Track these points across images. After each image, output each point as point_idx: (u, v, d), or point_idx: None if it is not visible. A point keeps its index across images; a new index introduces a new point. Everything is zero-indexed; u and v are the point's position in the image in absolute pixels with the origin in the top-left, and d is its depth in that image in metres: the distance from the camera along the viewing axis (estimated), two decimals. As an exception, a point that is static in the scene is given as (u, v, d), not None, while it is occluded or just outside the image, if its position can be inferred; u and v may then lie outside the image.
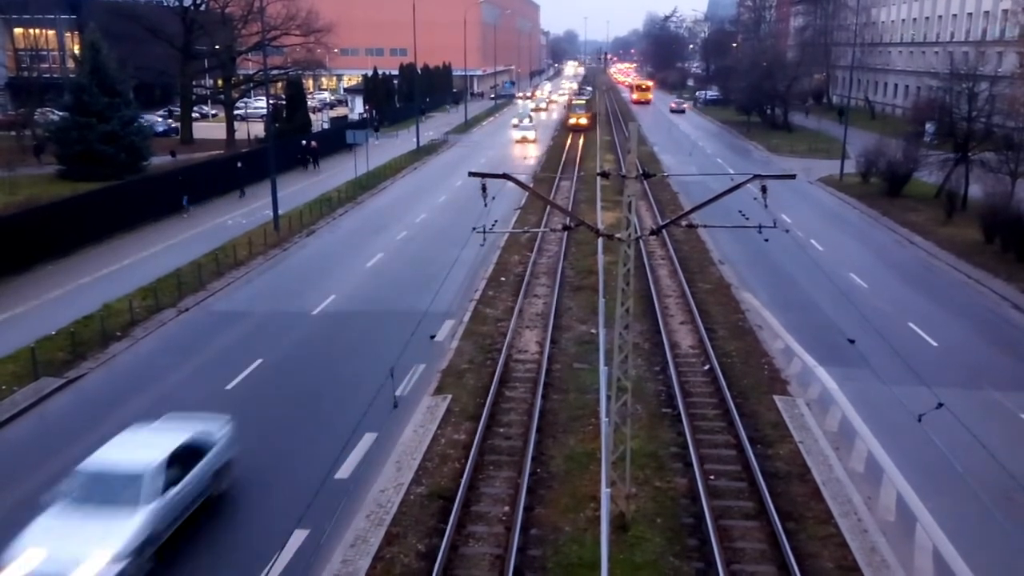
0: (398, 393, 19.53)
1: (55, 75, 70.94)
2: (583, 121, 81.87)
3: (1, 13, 73.52)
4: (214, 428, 15.93)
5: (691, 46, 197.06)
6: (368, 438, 17.77)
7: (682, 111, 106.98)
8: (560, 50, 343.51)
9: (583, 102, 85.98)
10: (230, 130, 65.71)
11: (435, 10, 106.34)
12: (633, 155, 14.84)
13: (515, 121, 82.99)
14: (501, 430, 18.67)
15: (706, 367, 22.25)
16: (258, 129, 68.76)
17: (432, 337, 23.11)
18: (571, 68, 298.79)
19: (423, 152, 66.68)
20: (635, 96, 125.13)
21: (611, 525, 13.47)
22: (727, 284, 30.07)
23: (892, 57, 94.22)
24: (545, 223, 39.44)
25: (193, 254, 32.48)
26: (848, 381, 21.31)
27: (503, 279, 30.70)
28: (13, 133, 57.59)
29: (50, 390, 20.58)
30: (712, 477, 16.63)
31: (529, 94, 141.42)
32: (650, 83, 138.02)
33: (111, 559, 12.56)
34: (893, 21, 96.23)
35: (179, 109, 71.73)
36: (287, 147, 55.77)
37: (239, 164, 47.27)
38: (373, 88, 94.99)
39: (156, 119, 73.25)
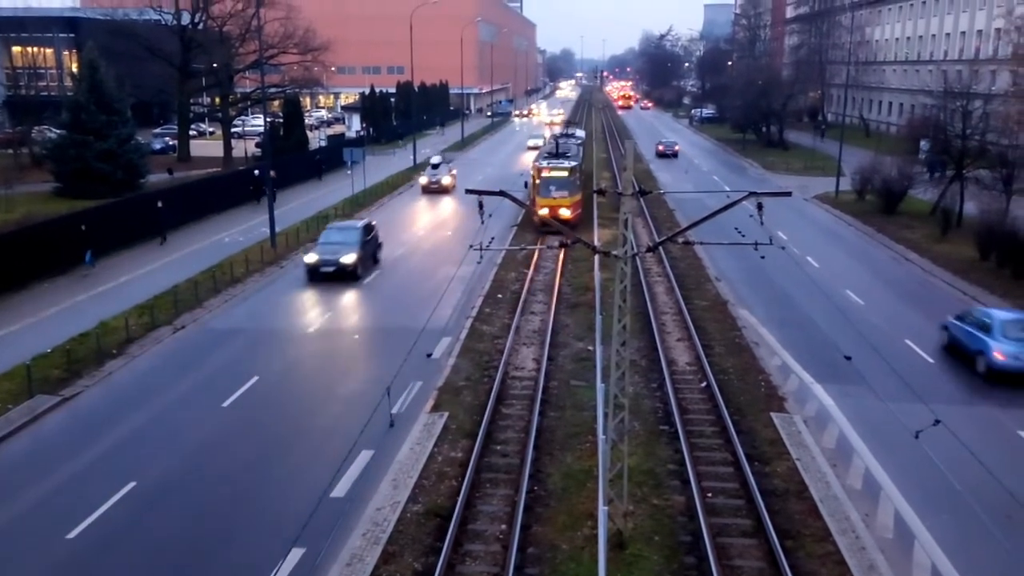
0: (394, 411, 19.49)
1: (53, 93, 71.08)
2: (564, 212, 40.46)
3: (-1, 31, 73.86)
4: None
5: (687, 64, 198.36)
6: (364, 456, 17.71)
7: (648, 108, 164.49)
8: (556, 69, 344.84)
9: (564, 174, 41.93)
10: (227, 148, 65.90)
11: (432, 29, 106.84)
12: (629, 172, 14.89)
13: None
14: (498, 448, 18.61)
15: (703, 384, 22.23)
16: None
17: (429, 355, 23.07)
18: (565, 89, 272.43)
19: (419, 170, 66.75)
20: (620, 103, 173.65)
21: (609, 543, 13.40)
22: (724, 301, 30.09)
23: (886, 75, 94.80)
24: (542, 240, 39.46)
25: (185, 275, 32.45)
26: (845, 398, 21.30)
27: (500, 296, 30.70)
28: (11, 151, 57.63)
29: (45, 408, 20.49)
30: (710, 494, 16.58)
31: (526, 112, 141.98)
32: (631, 94, 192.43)
33: None
34: (887, 40, 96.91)
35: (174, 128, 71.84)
36: (238, 177, 51.08)
37: (159, 204, 39.13)
38: (370, 106, 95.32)
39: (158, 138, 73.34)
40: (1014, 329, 22.77)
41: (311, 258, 31.39)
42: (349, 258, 30.64)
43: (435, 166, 57.18)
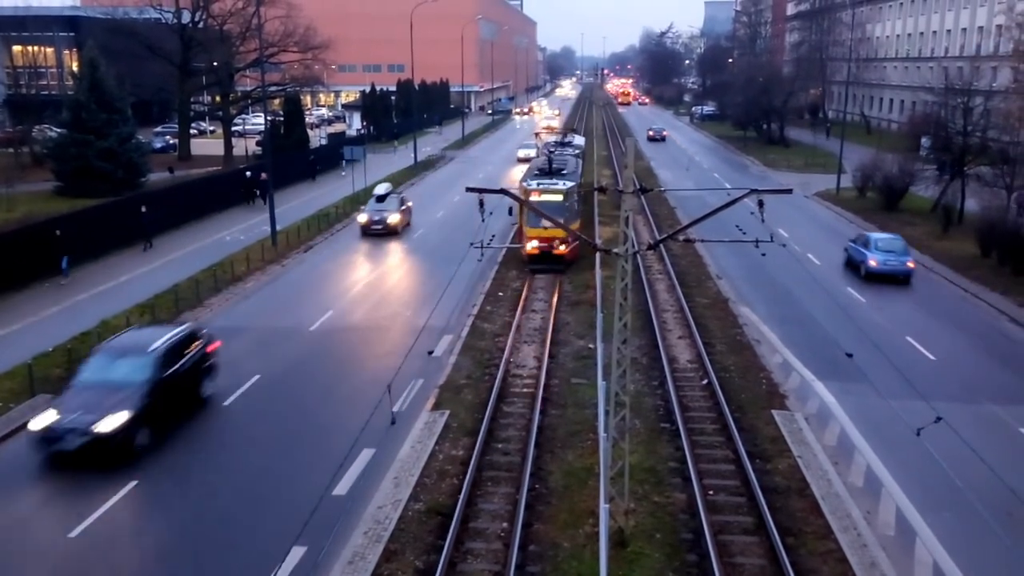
0: (396, 409, 19.49)
1: (53, 92, 71.11)
2: (560, 247, 32.84)
3: None
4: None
5: (687, 62, 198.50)
6: (366, 454, 17.71)
7: (645, 104, 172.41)
8: (557, 66, 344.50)
9: (558, 198, 33.00)
10: (228, 146, 65.91)
11: (433, 27, 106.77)
12: (630, 170, 14.88)
13: None
14: (499, 446, 18.62)
15: (704, 382, 22.23)
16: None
17: (430, 352, 23.06)
18: (566, 87, 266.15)
19: (420, 168, 66.79)
20: (620, 100, 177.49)
21: (610, 541, 13.41)
22: (725, 298, 30.08)
23: (887, 72, 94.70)
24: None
25: (186, 274, 32.45)
26: (846, 395, 21.30)
27: (501, 294, 30.68)
28: (12, 150, 57.66)
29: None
30: (711, 492, 16.58)
31: (526, 110, 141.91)
32: (631, 92, 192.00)
33: None
34: (888, 36, 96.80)
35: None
36: (237, 176, 49.26)
37: (143, 208, 37.29)
38: (371, 104, 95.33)
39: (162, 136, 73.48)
40: (884, 244, 32.86)
41: (44, 418, 17.21)
42: (113, 422, 16.87)
43: (380, 198, 41.16)
